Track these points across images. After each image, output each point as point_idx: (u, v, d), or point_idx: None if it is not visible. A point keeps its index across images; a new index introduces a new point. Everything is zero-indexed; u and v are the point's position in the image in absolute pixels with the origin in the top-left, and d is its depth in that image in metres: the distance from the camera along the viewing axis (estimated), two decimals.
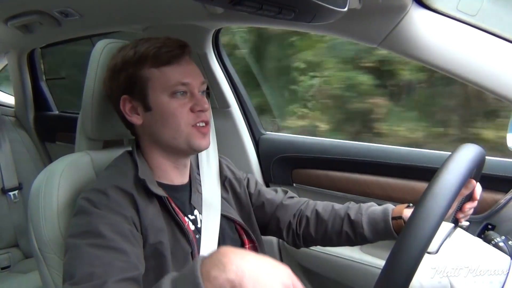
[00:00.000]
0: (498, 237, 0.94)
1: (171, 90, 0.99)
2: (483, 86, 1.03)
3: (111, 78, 1.04)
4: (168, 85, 0.99)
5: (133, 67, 1.00)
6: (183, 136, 1.00)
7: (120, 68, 1.02)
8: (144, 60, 1.00)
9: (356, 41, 1.21)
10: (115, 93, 1.04)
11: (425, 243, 0.63)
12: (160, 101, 1.00)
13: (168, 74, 1.00)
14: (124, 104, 1.02)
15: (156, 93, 1.00)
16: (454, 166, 0.72)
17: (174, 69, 1.00)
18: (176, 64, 1.01)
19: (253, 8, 0.69)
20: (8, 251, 2.38)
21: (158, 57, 0.99)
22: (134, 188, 0.97)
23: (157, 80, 1.00)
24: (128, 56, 1.01)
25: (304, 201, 1.25)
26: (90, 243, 0.85)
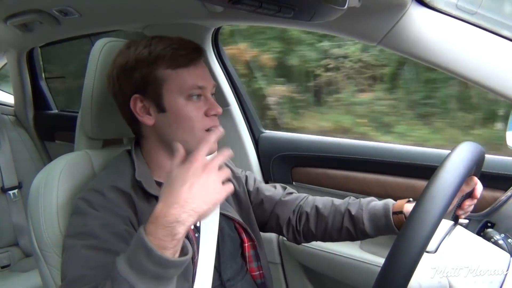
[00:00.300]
0: (498, 235, 0.94)
1: (187, 93, 0.98)
2: (482, 84, 1.03)
3: (120, 76, 1.01)
4: (184, 88, 0.98)
5: (147, 67, 0.98)
6: (196, 140, 0.98)
7: (132, 66, 0.99)
8: (160, 61, 0.98)
9: (356, 40, 1.21)
10: (125, 92, 1.01)
11: (424, 241, 0.63)
12: (175, 103, 0.99)
13: (185, 76, 0.99)
14: (135, 103, 1.00)
15: (172, 94, 0.98)
16: (454, 164, 0.72)
17: (190, 72, 0.99)
18: (193, 67, 1.00)
19: (252, 6, 0.70)
20: (8, 250, 2.38)
21: (175, 59, 0.98)
22: (131, 188, 0.97)
23: (174, 82, 0.98)
24: (142, 55, 0.99)
25: (304, 197, 1.25)
26: (85, 244, 0.85)
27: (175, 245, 0.71)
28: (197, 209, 0.72)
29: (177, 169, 0.76)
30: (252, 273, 1.17)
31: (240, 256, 1.17)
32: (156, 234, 0.70)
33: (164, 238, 0.70)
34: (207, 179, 0.74)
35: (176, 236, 0.70)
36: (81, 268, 0.82)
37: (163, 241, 0.70)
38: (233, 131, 1.77)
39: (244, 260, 1.17)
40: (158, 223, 0.71)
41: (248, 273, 1.17)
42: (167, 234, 0.70)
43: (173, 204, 0.71)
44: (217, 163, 0.77)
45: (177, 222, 0.70)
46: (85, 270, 0.82)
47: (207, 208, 0.74)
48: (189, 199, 0.71)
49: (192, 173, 0.74)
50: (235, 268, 1.12)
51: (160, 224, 0.70)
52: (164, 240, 0.70)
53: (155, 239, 0.70)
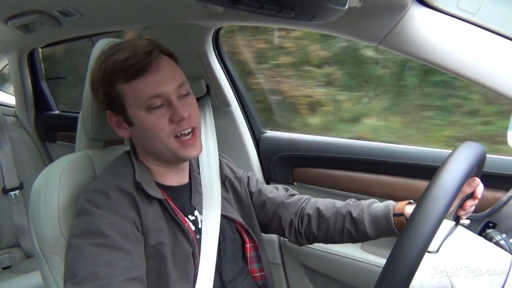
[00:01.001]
0: (499, 235, 0.94)
1: (145, 105, 0.96)
2: (484, 84, 1.02)
3: (93, 94, 1.06)
4: (141, 100, 0.96)
5: (106, 84, 0.98)
6: (168, 148, 0.99)
7: (96, 86, 1.02)
8: (113, 77, 0.96)
9: (357, 40, 1.21)
10: (103, 108, 1.05)
11: (425, 242, 0.63)
12: (138, 117, 0.98)
13: (139, 88, 0.95)
14: (110, 119, 1.03)
15: (133, 108, 0.98)
16: (455, 165, 0.71)
17: (144, 82, 0.95)
18: (147, 75, 0.95)
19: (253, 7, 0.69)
20: (9, 251, 2.39)
21: (125, 71, 0.95)
22: (134, 189, 0.97)
23: (131, 95, 0.97)
24: (99, 74, 0.99)
25: (306, 199, 1.25)
26: (93, 242, 0.85)
27: None
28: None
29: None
30: (253, 274, 1.17)
31: (241, 258, 1.16)
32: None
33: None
34: None
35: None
36: (91, 265, 0.82)
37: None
38: (234, 132, 1.77)
39: (245, 262, 1.17)
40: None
41: (249, 275, 1.17)
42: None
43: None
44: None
45: None
46: (96, 267, 0.82)
47: None
48: None
49: None
50: (236, 270, 1.12)
51: None
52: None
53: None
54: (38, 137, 2.71)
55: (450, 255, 0.81)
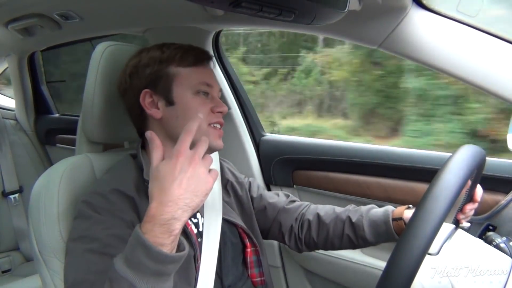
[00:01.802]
0: (499, 238, 0.94)
1: (195, 89, 1.03)
2: (483, 87, 1.02)
3: (132, 74, 1.06)
4: (193, 83, 1.03)
5: (159, 64, 1.04)
6: (201, 132, 0.99)
7: (145, 64, 1.04)
8: (171, 60, 1.04)
9: (356, 43, 1.21)
10: (135, 87, 1.05)
11: (425, 244, 0.63)
12: (184, 97, 1.03)
13: (194, 73, 1.04)
14: (144, 98, 1.04)
15: (181, 88, 1.03)
16: (455, 167, 0.72)
17: (199, 70, 1.05)
18: (202, 67, 1.06)
19: (253, 10, 0.70)
20: (9, 254, 2.39)
21: (186, 58, 1.04)
22: (135, 191, 0.97)
23: (183, 78, 1.03)
24: (155, 54, 1.05)
25: (306, 205, 1.25)
26: (88, 248, 0.86)
27: (172, 241, 0.73)
28: (191, 203, 0.75)
29: (164, 166, 0.77)
30: (253, 279, 1.17)
31: (242, 262, 1.16)
32: (153, 232, 0.72)
33: (161, 235, 0.72)
34: (194, 172, 0.76)
35: (173, 232, 0.73)
36: (83, 272, 0.82)
37: (161, 238, 0.72)
38: (234, 134, 1.77)
39: (245, 266, 1.17)
40: (154, 222, 0.72)
41: (249, 279, 1.16)
42: (164, 231, 0.72)
43: (167, 202, 0.73)
44: (201, 154, 0.79)
45: (173, 219, 0.72)
46: (87, 274, 0.82)
47: (199, 201, 0.76)
48: (181, 195, 0.74)
49: (180, 169, 0.75)
50: (236, 274, 1.12)
51: (157, 223, 0.72)
52: (161, 238, 0.72)
53: (152, 237, 0.71)
54: (38, 140, 2.71)
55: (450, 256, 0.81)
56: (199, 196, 0.76)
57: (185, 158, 0.76)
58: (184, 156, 0.76)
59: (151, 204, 0.74)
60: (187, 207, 0.74)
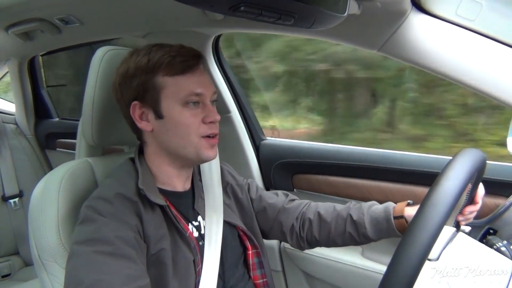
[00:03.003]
0: (500, 242, 0.94)
1: (184, 100, 0.99)
2: (482, 90, 1.03)
3: (121, 84, 1.03)
4: (181, 95, 0.98)
5: (146, 75, 0.99)
6: (192, 146, 1.00)
7: (132, 74, 1.00)
8: (158, 68, 0.98)
9: (356, 47, 1.21)
10: (126, 98, 1.02)
11: (426, 249, 0.63)
12: (172, 110, 0.99)
13: (182, 83, 0.99)
14: (134, 110, 1.01)
15: (169, 101, 0.99)
16: (455, 171, 0.71)
17: (188, 79, 1.00)
18: (190, 74, 1.00)
19: (253, 14, 0.70)
20: (8, 259, 2.38)
21: (172, 66, 0.98)
22: (137, 196, 0.97)
23: (171, 89, 0.99)
24: (141, 62, 1.00)
25: (306, 203, 1.25)
26: (98, 250, 0.85)
27: None
28: None
29: None
30: (256, 281, 1.17)
31: (243, 264, 1.16)
32: None
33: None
34: None
35: None
36: (97, 273, 0.82)
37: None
38: (234, 138, 1.77)
39: (246, 268, 1.17)
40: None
41: (251, 281, 1.16)
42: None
43: None
44: None
45: None
46: (101, 275, 0.81)
47: None
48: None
49: None
50: (237, 275, 1.12)
51: None
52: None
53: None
54: (38, 145, 2.71)
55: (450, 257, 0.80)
56: None
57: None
58: None
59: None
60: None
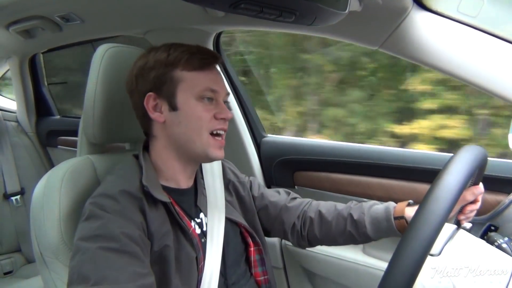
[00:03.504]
0: (501, 239, 0.94)
1: (199, 94, 1.01)
2: (484, 87, 1.02)
3: (138, 76, 1.05)
4: (197, 89, 1.01)
5: (165, 68, 1.02)
6: (201, 142, 1.01)
7: (151, 66, 1.03)
8: (177, 63, 1.02)
9: (357, 44, 1.21)
10: (141, 90, 1.04)
11: (427, 245, 0.63)
12: (187, 103, 1.01)
13: (199, 78, 1.02)
14: (148, 101, 1.03)
15: (185, 94, 1.01)
16: (456, 168, 0.71)
17: (205, 75, 1.03)
18: (208, 71, 1.04)
19: (253, 11, 0.70)
20: (10, 256, 2.39)
21: (191, 61, 1.02)
22: (141, 193, 0.97)
23: (188, 83, 1.02)
24: (161, 57, 1.03)
25: (307, 202, 1.25)
26: (104, 246, 0.84)
27: None
28: None
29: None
30: (257, 278, 1.17)
31: (244, 261, 1.17)
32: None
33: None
34: None
35: None
36: (103, 269, 0.81)
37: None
38: (235, 136, 1.77)
39: (248, 265, 1.17)
40: None
41: (252, 278, 1.17)
42: None
43: None
44: None
45: None
46: (107, 271, 0.81)
47: None
48: None
49: None
50: (239, 272, 1.13)
51: None
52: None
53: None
54: (39, 142, 2.72)
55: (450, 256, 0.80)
56: None
57: None
58: None
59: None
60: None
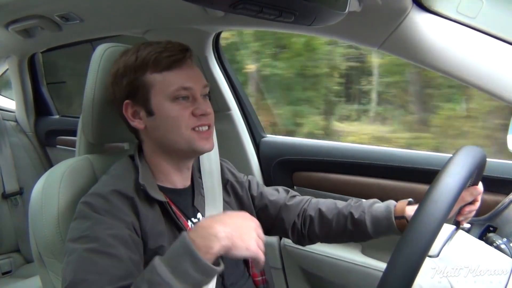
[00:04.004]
0: (500, 239, 0.94)
1: (173, 95, 0.99)
2: (483, 88, 1.03)
3: (113, 84, 1.04)
4: (170, 90, 0.99)
5: (135, 73, 1.00)
6: (184, 139, 1.00)
7: (122, 73, 1.02)
8: (145, 66, 0.99)
9: (356, 44, 1.21)
10: (118, 98, 1.04)
11: (426, 246, 0.63)
12: (162, 106, 1.00)
13: (170, 79, 1.00)
14: (126, 109, 1.02)
15: (158, 98, 1.00)
16: (455, 169, 0.71)
17: (175, 74, 1.00)
18: (178, 69, 1.01)
19: (253, 11, 0.70)
20: (9, 256, 2.39)
21: (159, 62, 0.99)
22: (134, 192, 0.97)
23: (159, 85, 0.99)
24: (129, 61, 1.01)
25: (307, 200, 1.25)
26: (88, 248, 0.85)
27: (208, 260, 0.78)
28: (233, 238, 0.81)
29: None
30: (255, 278, 1.17)
31: (242, 261, 1.16)
32: (197, 242, 0.78)
33: (202, 249, 0.77)
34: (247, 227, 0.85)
35: (211, 250, 0.78)
36: (82, 272, 0.82)
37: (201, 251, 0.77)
38: (234, 136, 1.77)
39: (246, 265, 1.17)
40: (199, 232, 0.80)
41: (250, 278, 1.16)
42: (205, 245, 0.78)
43: (217, 221, 0.82)
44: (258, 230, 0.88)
45: (215, 236, 0.79)
46: (87, 274, 0.81)
47: (239, 245, 0.81)
48: (231, 224, 0.82)
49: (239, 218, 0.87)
50: (237, 273, 1.12)
51: (201, 234, 0.79)
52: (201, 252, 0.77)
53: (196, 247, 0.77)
54: (38, 142, 2.71)
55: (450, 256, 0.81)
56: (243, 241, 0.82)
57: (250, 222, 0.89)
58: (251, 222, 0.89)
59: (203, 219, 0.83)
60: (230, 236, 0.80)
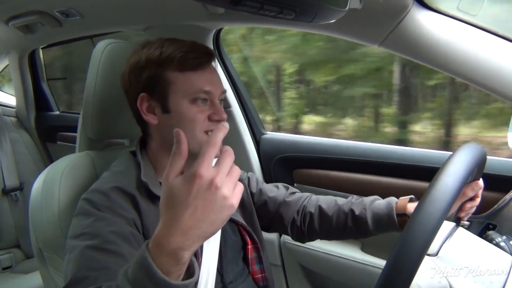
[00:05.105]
0: (499, 237, 0.94)
1: (192, 96, 0.99)
2: (484, 85, 1.03)
3: (131, 74, 1.02)
4: (190, 91, 0.99)
5: (157, 68, 0.99)
6: (197, 141, 0.99)
7: (143, 65, 1.00)
8: (169, 62, 0.99)
9: (357, 41, 1.21)
10: (134, 89, 1.02)
11: (425, 244, 0.63)
12: (180, 105, 0.99)
13: (192, 80, 0.99)
14: (141, 102, 1.01)
15: (177, 96, 0.99)
16: (455, 166, 0.71)
17: (198, 76, 1.00)
18: (201, 71, 1.00)
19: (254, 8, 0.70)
20: (9, 251, 2.39)
21: (184, 61, 0.99)
22: (136, 189, 0.97)
23: (180, 85, 0.99)
24: (153, 55, 1.00)
25: (307, 196, 1.25)
26: (89, 244, 0.85)
27: (179, 269, 0.65)
28: (203, 234, 0.63)
29: (178, 186, 0.62)
30: (255, 275, 1.17)
31: (242, 259, 1.16)
32: (160, 259, 0.62)
33: (167, 263, 0.63)
34: (213, 199, 0.61)
35: (181, 261, 0.63)
36: (84, 269, 0.82)
37: (167, 266, 0.63)
38: (235, 133, 1.77)
39: (245, 263, 1.17)
40: (161, 249, 0.63)
41: (250, 276, 1.17)
42: (171, 260, 0.63)
43: (175, 232, 0.62)
44: (225, 171, 0.64)
45: (180, 249, 0.62)
46: (88, 271, 0.81)
47: (215, 229, 0.64)
48: (193, 225, 0.62)
49: (196, 195, 0.61)
50: (237, 270, 1.12)
51: (164, 251, 0.62)
52: (167, 265, 0.63)
53: (159, 263, 0.62)
54: (38, 138, 2.71)
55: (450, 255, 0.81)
56: (216, 224, 0.64)
57: (204, 181, 0.61)
58: (204, 179, 0.61)
59: (159, 226, 0.64)
60: (199, 237, 0.63)
